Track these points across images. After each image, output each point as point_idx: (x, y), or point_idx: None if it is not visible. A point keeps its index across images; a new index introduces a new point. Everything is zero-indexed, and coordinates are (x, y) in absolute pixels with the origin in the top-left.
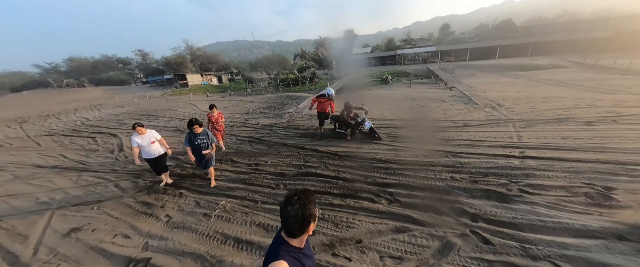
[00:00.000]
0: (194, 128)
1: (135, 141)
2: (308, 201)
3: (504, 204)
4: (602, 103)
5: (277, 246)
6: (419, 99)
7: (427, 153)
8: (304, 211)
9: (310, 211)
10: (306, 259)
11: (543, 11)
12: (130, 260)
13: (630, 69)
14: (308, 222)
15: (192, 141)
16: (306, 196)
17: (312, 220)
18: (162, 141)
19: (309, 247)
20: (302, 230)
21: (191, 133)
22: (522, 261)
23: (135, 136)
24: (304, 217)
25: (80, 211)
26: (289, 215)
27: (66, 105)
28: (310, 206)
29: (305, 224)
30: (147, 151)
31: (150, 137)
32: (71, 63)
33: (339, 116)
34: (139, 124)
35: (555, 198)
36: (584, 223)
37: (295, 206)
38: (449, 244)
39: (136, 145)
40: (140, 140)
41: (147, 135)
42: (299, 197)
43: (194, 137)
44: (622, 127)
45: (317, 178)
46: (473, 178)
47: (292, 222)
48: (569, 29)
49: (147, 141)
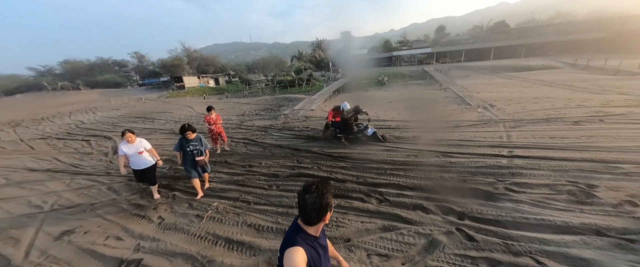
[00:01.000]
0: (187, 134)
1: (122, 150)
2: (326, 190)
3: (490, 202)
4: (591, 103)
5: (294, 233)
6: (414, 100)
7: (419, 153)
8: (321, 200)
9: (328, 200)
10: (321, 249)
11: (537, 13)
12: (121, 261)
13: (620, 69)
14: (325, 211)
15: (183, 147)
16: (324, 185)
17: (328, 209)
18: (152, 151)
19: (324, 237)
20: (319, 218)
21: (183, 139)
22: (504, 257)
23: (123, 144)
24: (321, 205)
25: (73, 213)
26: (307, 203)
27: (61, 109)
28: (328, 195)
29: (322, 212)
30: (134, 161)
31: (138, 147)
32: (66, 66)
33: (342, 121)
34: (129, 131)
35: (540, 196)
36: (565, 220)
37: (314, 194)
38: (435, 242)
39: (122, 153)
40: (127, 148)
41: (135, 144)
42: (317, 186)
43: (187, 143)
44: (608, 127)
45: (309, 179)
46: (462, 177)
47: (309, 210)
48: (562, 30)
49: (134, 151)
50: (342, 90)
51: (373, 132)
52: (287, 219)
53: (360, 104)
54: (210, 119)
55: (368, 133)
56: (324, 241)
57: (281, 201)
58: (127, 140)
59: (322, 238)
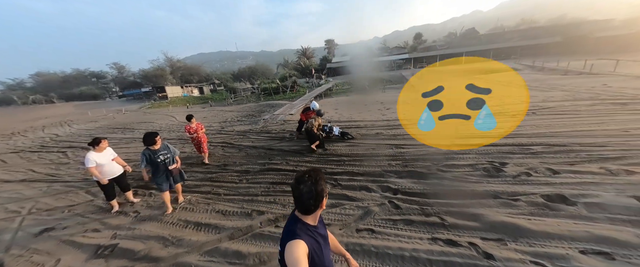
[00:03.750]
0: (153, 146)
1: (91, 160)
2: (319, 177)
3: (421, 180)
4: (535, 99)
5: (293, 224)
6: (387, 103)
7: (377, 147)
8: (316, 187)
9: (322, 186)
10: (321, 238)
11: (506, 20)
12: (99, 247)
13: (569, 69)
14: (321, 197)
15: (152, 160)
16: (316, 173)
17: (324, 195)
18: (118, 160)
19: (323, 226)
20: (316, 205)
21: (149, 151)
22: (418, 217)
23: (90, 154)
24: (316, 192)
25: (51, 215)
26: (303, 192)
27: (33, 123)
28: (322, 182)
29: (318, 199)
30: (108, 170)
31: (111, 154)
32: (38, 78)
33: (309, 130)
34: (101, 138)
35: (461, 173)
36: (473, 189)
37: (308, 183)
38: (369, 212)
39: (93, 164)
40: (98, 158)
41: (106, 152)
42: (309, 175)
43: (154, 154)
44: (537, 118)
45: (276, 172)
46: (405, 163)
47: (306, 198)
48: (526, 36)
49: (107, 159)
50: (324, 95)
51: (340, 131)
52: (252, 204)
53: (339, 107)
54: (190, 128)
55: (335, 133)
56: (323, 231)
57: (249, 191)
58: (98, 149)
59: (321, 227)
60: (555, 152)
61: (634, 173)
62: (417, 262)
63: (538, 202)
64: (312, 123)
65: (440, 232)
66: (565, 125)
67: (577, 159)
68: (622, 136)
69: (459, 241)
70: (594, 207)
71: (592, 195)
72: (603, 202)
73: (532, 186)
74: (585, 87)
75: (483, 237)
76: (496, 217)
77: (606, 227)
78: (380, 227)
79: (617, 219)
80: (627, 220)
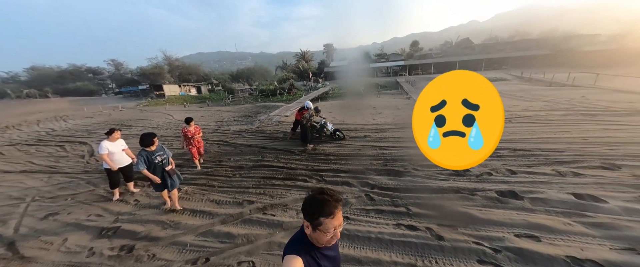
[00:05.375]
0: (150, 147)
1: (105, 148)
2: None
3: (396, 177)
4: (515, 108)
5: (299, 235)
6: (379, 108)
7: (363, 148)
8: (311, 204)
9: (322, 208)
10: (323, 260)
11: (500, 30)
12: (102, 229)
13: (553, 81)
14: (311, 215)
15: (151, 161)
16: (332, 195)
17: (320, 217)
18: (127, 151)
19: (331, 248)
20: (309, 218)
21: (146, 153)
22: (388, 207)
23: (104, 142)
24: (309, 207)
25: (55, 201)
26: (305, 201)
27: (27, 117)
28: (326, 206)
29: (308, 215)
30: (118, 158)
31: (122, 144)
32: (33, 72)
33: (304, 126)
34: (116, 129)
35: (432, 172)
36: (439, 185)
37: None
38: (347, 203)
39: (106, 151)
40: (111, 146)
41: (118, 142)
42: (326, 193)
43: (152, 156)
44: (511, 125)
45: (267, 168)
46: (385, 163)
47: (306, 206)
48: (517, 47)
49: (118, 148)
50: (320, 98)
51: (334, 129)
52: (243, 195)
53: (334, 110)
54: (188, 132)
55: (329, 128)
56: (332, 252)
57: (241, 184)
58: (112, 138)
59: (328, 249)
60: (518, 156)
61: (580, 175)
62: (381, 242)
63: (492, 197)
64: (308, 118)
65: (404, 219)
66: (534, 132)
67: (535, 162)
68: (580, 143)
69: (419, 226)
70: (537, 202)
71: (539, 192)
72: (546, 197)
73: (490, 184)
74: (565, 99)
75: (439, 224)
76: (453, 208)
77: (541, 217)
78: (354, 215)
79: (552, 211)
80: (560, 212)
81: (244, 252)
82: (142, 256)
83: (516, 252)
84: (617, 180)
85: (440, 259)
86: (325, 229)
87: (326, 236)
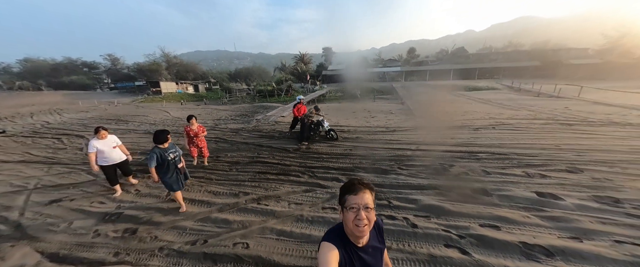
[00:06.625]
0: (163, 144)
1: (93, 146)
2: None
3: (382, 175)
4: (501, 116)
5: (338, 228)
6: (374, 111)
7: (354, 148)
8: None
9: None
10: (355, 258)
11: (495, 40)
12: (105, 214)
13: (541, 92)
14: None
15: (164, 158)
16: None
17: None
18: (122, 147)
19: (366, 251)
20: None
21: (159, 150)
22: None
23: (93, 140)
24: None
25: (57, 190)
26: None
27: (20, 109)
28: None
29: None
30: (109, 156)
31: (112, 142)
32: (26, 64)
33: (304, 121)
34: (102, 128)
35: (415, 171)
36: (420, 182)
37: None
38: (335, 196)
39: (94, 150)
40: (100, 144)
41: (108, 139)
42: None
43: (165, 153)
44: (495, 132)
45: (263, 164)
46: (373, 162)
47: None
48: (510, 58)
49: (108, 146)
50: (316, 101)
51: (328, 128)
52: (239, 187)
53: (330, 113)
54: (190, 131)
55: (325, 126)
56: (371, 259)
57: (237, 178)
58: (99, 136)
59: (367, 253)
60: (495, 159)
61: (546, 176)
62: None
63: (465, 194)
64: (308, 115)
65: (385, 211)
66: (514, 139)
67: (509, 165)
68: (552, 149)
69: (397, 217)
70: (503, 198)
71: (507, 190)
72: (512, 195)
73: (466, 182)
74: (549, 109)
75: (415, 215)
76: (430, 202)
77: (504, 210)
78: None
79: (515, 206)
80: (522, 207)
81: (239, 235)
82: (144, 238)
83: (478, 238)
84: (577, 182)
85: (413, 242)
86: (349, 205)
87: (351, 215)
